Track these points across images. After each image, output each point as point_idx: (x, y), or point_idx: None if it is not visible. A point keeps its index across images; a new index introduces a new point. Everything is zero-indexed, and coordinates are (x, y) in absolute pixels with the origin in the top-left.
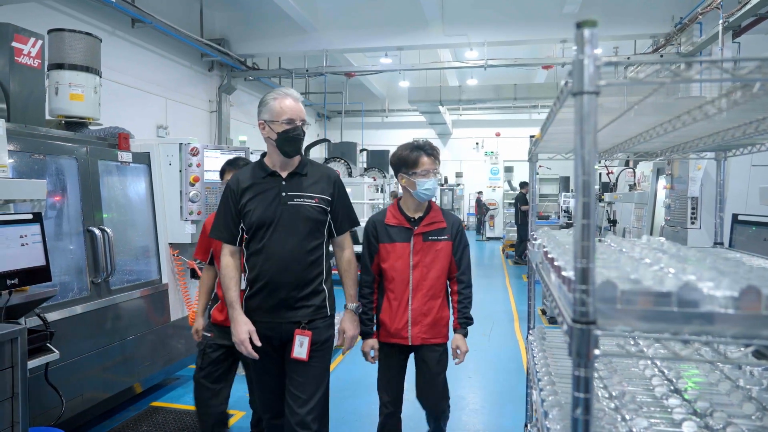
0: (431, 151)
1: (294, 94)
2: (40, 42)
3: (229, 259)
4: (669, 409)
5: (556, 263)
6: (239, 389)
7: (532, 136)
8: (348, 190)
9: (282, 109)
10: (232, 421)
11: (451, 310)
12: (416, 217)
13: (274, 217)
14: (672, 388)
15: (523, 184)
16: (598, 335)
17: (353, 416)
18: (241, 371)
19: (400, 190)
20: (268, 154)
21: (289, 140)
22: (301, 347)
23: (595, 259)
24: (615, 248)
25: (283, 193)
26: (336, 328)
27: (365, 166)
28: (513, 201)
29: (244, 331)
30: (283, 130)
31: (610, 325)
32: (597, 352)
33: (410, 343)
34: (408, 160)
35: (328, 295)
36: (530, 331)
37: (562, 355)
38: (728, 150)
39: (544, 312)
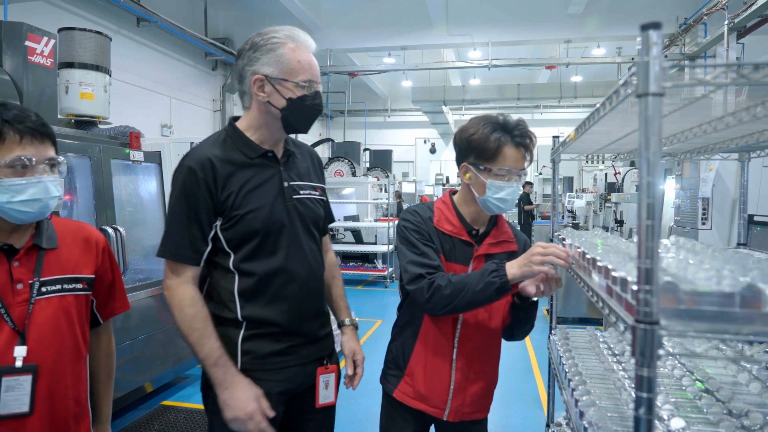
0: (522, 140)
1: (310, 40)
2: (52, 41)
3: (191, 290)
4: (704, 410)
5: (599, 264)
6: None
7: (556, 137)
8: (351, 190)
9: (300, 64)
10: None
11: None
12: (478, 230)
13: (282, 221)
14: (703, 388)
15: (525, 184)
16: (662, 335)
17: (364, 415)
18: None
19: (403, 188)
20: (251, 123)
21: (306, 111)
22: (327, 389)
23: (659, 260)
24: None
25: (286, 183)
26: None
27: (368, 165)
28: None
29: (250, 397)
30: (300, 96)
31: (671, 325)
32: (661, 352)
33: (445, 419)
34: (484, 147)
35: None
36: (552, 331)
37: (588, 355)
38: (752, 151)
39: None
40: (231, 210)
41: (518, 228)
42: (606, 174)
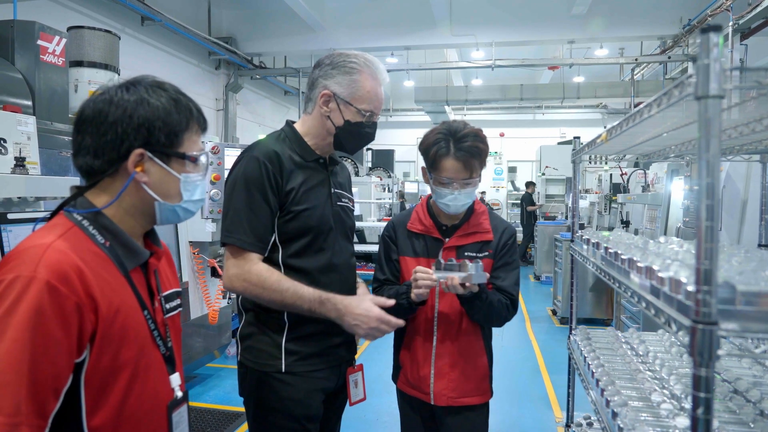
0: (462, 154)
1: (385, 74)
2: (64, 40)
3: (262, 265)
4: (736, 411)
5: (640, 265)
6: None
7: (576, 137)
8: (355, 189)
9: (368, 94)
10: None
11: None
12: (450, 225)
13: (330, 223)
14: (732, 388)
15: (528, 184)
16: (721, 336)
17: (374, 415)
18: None
19: (405, 188)
20: (308, 130)
21: (358, 137)
22: (356, 387)
23: (718, 261)
24: (684, 249)
25: (333, 190)
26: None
27: (370, 165)
28: (517, 201)
29: (368, 307)
30: (357, 121)
31: (727, 326)
32: (721, 352)
33: (432, 403)
34: (427, 156)
35: None
36: (572, 332)
37: (612, 356)
38: None
39: (554, 312)
40: (291, 204)
41: (507, 222)
42: (611, 175)
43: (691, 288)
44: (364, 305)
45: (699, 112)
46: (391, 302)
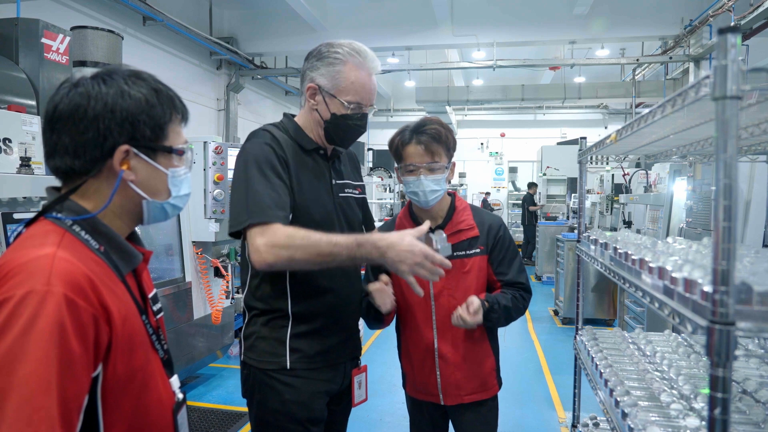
0: (423, 137)
1: (375, 63)
2: (68, 38)
3: (283, 227)
4: (745, 411)
5: (652, 265)
6: None
7: (583, 138)
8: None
9: (353, 86)
10: None
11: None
12: (434, 227)
13: (333, 216)
14: (741, 389)
15: (530, 185)
16: (738, 336)
17: (378, 415)
18: None
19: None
20: (305, 123)
21: (346, 130)
22: (360, 388)
23: (736, 262)
24: (694, 250)
25: (334, 181)
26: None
27: (371, 165)
28: (518, 201)
29: (411, 241)
30: (343, 114)
31: (744, 326)
32: (738, 352)
33: (443, 403)
34: (392, 149)
35: None
36: (579, 332)
37: (619, 356)
38: None
39: (556, 312)
40: (292, 195)
41: (495, 218)
42: (612, 175)
43: (707, 288)
44: (406, 240)
45: (716, 113)
46: (426, 227)
